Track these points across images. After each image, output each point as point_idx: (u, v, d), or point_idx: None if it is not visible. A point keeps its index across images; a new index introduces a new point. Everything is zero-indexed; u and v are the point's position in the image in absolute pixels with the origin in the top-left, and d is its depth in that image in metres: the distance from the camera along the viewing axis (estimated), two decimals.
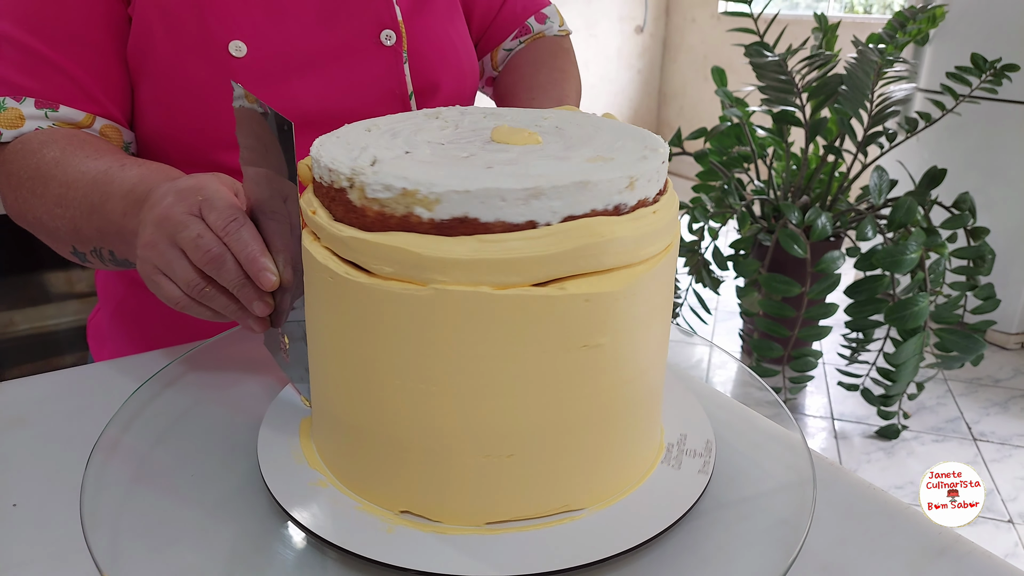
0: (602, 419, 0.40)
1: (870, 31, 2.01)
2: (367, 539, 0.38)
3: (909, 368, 1.62)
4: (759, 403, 0.56)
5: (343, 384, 0.41)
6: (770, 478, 0.47)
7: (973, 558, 0.42)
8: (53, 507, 0.45)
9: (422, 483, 0.40)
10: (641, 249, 0.38)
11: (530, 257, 0.35)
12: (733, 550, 0.41)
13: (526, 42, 0.81)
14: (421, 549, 0.38)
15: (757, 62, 1.85)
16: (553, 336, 0.36)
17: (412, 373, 0.37)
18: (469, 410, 0.37)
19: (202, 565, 0.39)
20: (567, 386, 0.38)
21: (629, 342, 0.39)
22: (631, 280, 0.37)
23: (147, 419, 0.50)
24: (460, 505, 0.39)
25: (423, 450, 0.39)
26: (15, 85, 0.58)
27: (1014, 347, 2.28)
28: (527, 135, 0.42)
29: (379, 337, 0.37)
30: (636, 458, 0.43)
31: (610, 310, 0.37)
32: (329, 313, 0.39)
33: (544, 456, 0.39)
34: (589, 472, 0.40)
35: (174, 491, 0.44)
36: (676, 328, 0.67)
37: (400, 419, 0.39)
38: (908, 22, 1.83)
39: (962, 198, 1.75)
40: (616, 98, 4.08)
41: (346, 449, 0.42)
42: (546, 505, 0.40)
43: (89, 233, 0.55)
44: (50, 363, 1.47)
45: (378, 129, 0.44)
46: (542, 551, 0.38)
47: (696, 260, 1.92)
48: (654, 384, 0.43)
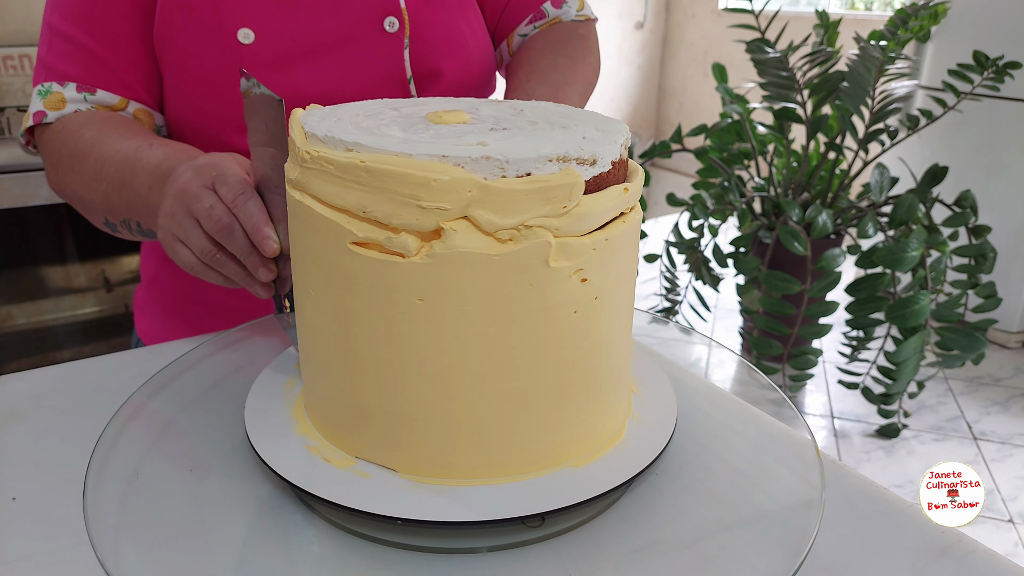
0: (563, 382, 0.41)
1: (872, 28, 2.00)
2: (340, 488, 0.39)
3: (910, 367, 1.62)
4: (762, 401, 0.56)
5: (320, 341, 0.43)
6: (778, 479, 0.47)
7: (976, 557, 0.42)
8: (52, 501, 0.44)
9: (388, 437, 0.41)
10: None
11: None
12: (738, 552, 0.41)
13: (541, 27, 0.80)
14: (403, 499, 0.39)
15: (758, 58, 1.84)
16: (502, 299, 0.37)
17: (377, 330, 0.39)
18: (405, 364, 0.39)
19: (203, 560, 0.39)
20: (524, 349, 0.39)
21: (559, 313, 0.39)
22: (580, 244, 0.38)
23: (148, 414, 0.50)
24: (429, 462, 0.41)
25: (381, 408, 0.41)
26: (60, 72, 0.64)
27: (1015, 346, 2.28)
28: (459, 115, 0.43)
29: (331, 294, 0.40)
30: (603, 420, 0.44)
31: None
32: (306, 261, 0.42)
33: (506, 419, 0.40)
34: (554, 432, 0.41)
35: (174, 485, 0.44)
36: (675, 326, 0.66)
37: (360, 366, 0.41)
38: (910, 19, 1.82)
39: (964, 196, 1.75)
40: (616, 94, 4.07)
41: (325, 405, 0.44)
42: (514, 465, 0.41)
43: (119, 206, 0.61)
44: (48, 357, 1.47)
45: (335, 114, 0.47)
46: (517, 498, 0.39)
47: (696, 257, 1.91)
48: (614, 351, 0.43)
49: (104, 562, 0.36)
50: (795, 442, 0.49)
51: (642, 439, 0.45)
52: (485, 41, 0.76)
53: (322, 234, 0.39)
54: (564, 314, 0.39)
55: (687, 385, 0.55)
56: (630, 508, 0.43)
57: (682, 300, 1.97)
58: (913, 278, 1.64)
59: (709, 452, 0.48)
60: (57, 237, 1.43)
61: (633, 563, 0.39)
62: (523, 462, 0.41)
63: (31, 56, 1.60)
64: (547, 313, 0.38)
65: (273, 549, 0.40)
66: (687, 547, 0.40)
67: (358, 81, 0.67)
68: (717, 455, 0.47)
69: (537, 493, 0.40)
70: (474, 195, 0.36)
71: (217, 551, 0.39)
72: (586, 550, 0.40)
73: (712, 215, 1.84)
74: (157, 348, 0.63)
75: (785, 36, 2.01)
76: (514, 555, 0.39)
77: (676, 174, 3.90)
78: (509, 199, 0.36)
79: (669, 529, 0.41)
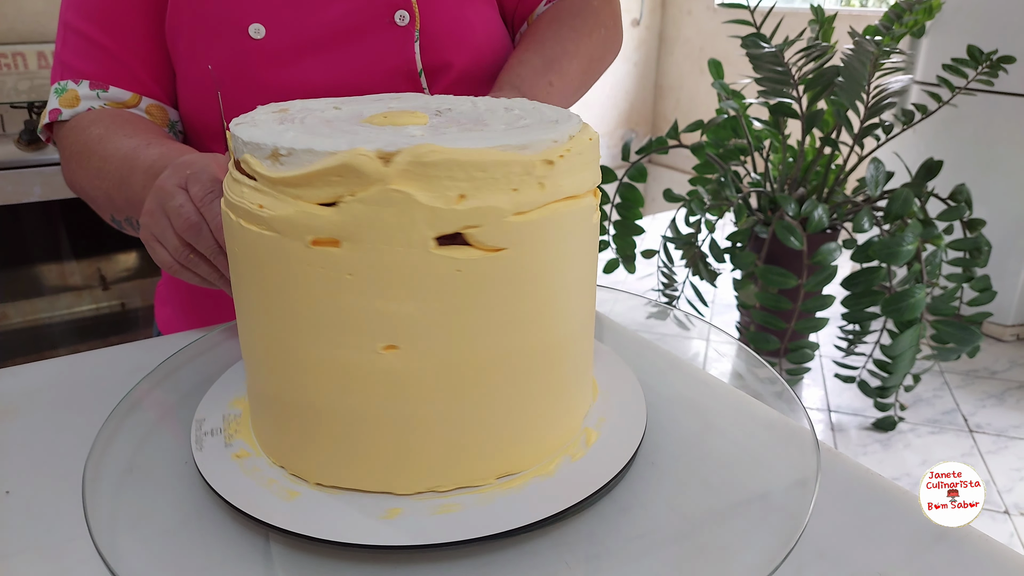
0: (509, 380, 0.40)
1: (867, 23, 2.00)
2: (271, 506, 0.39)
3: (905, 360, 1.63)
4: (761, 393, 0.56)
5: (247, 346, 0.43)
6: (771, 466, 0.47)
7: (971, 543, 0.42)
8: (46, 495, 0.44)
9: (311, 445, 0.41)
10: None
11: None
12: (734, 537, 0.41)
13: (555, 2, 0.78)
14: (334, 517, 0.38)
15: (753, 54, 1.84)
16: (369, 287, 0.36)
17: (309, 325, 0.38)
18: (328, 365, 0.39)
19: (197, 555, 0.39)
20: (462, 341, 0.38)
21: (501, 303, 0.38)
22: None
23: (146, 407, 0.50)
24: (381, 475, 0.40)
25: (297, 410, 0.40)
26: (75, 69, 0.65)
27: (1010, 339, 2.28)
28: (413, 116, 0.42)
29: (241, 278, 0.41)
30: (561, 421, 0.43)
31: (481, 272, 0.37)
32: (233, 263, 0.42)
33: (453, 418, 0.39)
34: (508, 435, 0.41)
35: (172, 478, 0.44)
36: (673, 321, 0.66)
37: (275, 371, 0.41)
38: (904, 14, 1.82)
39: (958, 190, 1.75)
40: (612, 91, 4.07)
41: (263, 416, 0.44)
42: (465, 475, 0.40)
43: (120, 203, 0.61)
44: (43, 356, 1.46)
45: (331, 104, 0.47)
46: (471, 519, 0.38)
47: (693, 253, 1.92)
48: (567, 346, 0.43)
49: (104, 553, 0.36)
50: (790, 429, 0.49)
51: (612, 442, 0.44)
52: (497, 32, 0.75)
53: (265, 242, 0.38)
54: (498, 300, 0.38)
55: (682, 374, 0.55)
56: (625, 497, 0.43)
57: (679, 295, 1.97)
58: (908, 272, 1.64)
59: (703, 441, 0.48)
60: (52, 235, 1.42)
61: (629, 551, 0.39)
62: (477, 471, 0.40)
63: (24, 54, 1.59)
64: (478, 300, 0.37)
65: (268, 540, 0.40)
66: (683, 534, 0.40)
67: (367, 74, 0.67)
68: (712, 444, 0.47)
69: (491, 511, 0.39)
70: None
71: (215, 542, 0.39)
72: (582, 538, 0.40)
73: (709, 211, 1.84)
74: (152, 342, 0.63)
75: (780, 31, 2.01)
76: (509, 543, 0.39)
77: (673, 170, 3.90)
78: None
79: (664, 517, 0.41)
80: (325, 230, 0.36)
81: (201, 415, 0.47)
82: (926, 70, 2.32)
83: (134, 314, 1.59)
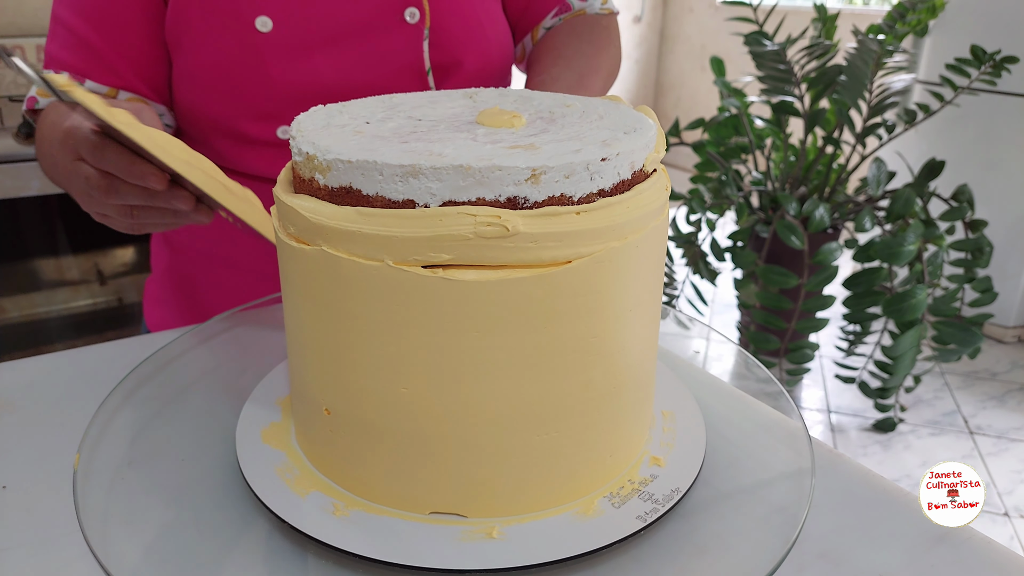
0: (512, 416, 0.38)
1: (869, 21, 2.00)
2: (318, 521, 0.38)
3: (906, 361, 1.62)
4: (760, 392, 0.55)
5: (296, 351, 0.42)
6: (769, 465, 0.46)
7: (972, 544, 0.42)
8: (42, 489, 0.44)
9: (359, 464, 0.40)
10: (547, 251, 0.35)
11: (399, 236, 0.34)
12: (730, 537, 0.40)
13: (566, 18, 0.80)
14: (377, 535, 0.37)
15: (756, 51, 1.84)
16: (435, 320, 0.35)
17: (330, 340, 0.38)
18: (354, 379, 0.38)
19: (189, 549, 0.38)
20: (473, 374, 0.36)
21: (503, 341, 0.36)
22: (518, 277, 0.35)
23: (138, 403, 0.50)
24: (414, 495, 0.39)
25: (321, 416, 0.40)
26: (58, 60, 0.65)
27: (1011, 340, 2.28)
28: (509, 117, 0.40)
29: (294, 292, 0.39)
30: (621, 450, 0.42)
31: (492, 305, 0.35)
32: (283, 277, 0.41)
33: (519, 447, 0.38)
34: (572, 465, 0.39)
35: (163, 475, 0.43)
36: (673, 319, 0.66)
37: (321, 385, 0.40)
38: (908, 12, 1.82)
39: (960, 190, 1.75)
40: (614, 88, 4.06)
41: (306, 424, 0.43)
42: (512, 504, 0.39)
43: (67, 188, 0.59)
44: (40, 351, 1.46)
45: (383, 104, 0.46)
46: (527, 545, 0.37)
47: (693, 251, 1.91)
48: (633, 376, 0.41)
49: (95, 549, 0.36)
50: (787, 430, 0.49)
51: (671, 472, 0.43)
52: (504, 33, 0.75)
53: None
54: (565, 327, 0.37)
55: (681, 374, 0.55)
56: None
57: (679, 294, 1.97)
58: (910, 272, 1.64)
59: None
60: (49, 229, 1.42)
61: (627, 549, 0.39)
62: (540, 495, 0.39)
63: (23, 47, 1.59)
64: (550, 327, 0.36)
65: (270, 537, 0.39)
66: (681, 534, 0.40)
67: (376, 71, 0.67)
68: (709, 443, 0.47)
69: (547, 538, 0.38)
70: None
71: (208, 539, 0.39)
72: None
73: (710, 209, 1.84)
74: (146, 338, 0.63)
75: (783, 29, 2.01)
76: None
77: (674, 168, 3.89)
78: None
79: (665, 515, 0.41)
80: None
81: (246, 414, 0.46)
82: (929, 69, 2.31)
83: (131, 309, 1.58)
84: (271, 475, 0.41)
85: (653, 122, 0.42)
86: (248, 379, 0.52)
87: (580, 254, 0.35)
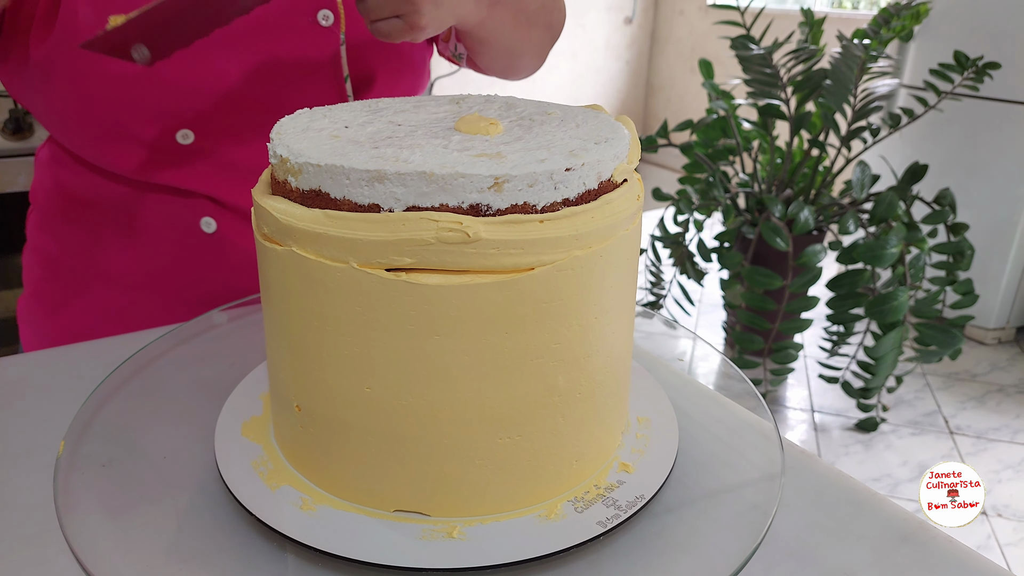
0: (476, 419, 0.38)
1: (855, 26, 2.01)
2: (287, 518, 0.39)
3: (888, 362, 1.64)
4: (739, 395, 0.56)
5: (270, 347, 0.43)
6: (740, 468, 0.47)
7: (936, 544, 0.43)
8: (22, 488, 0.44)
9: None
10: (509, 258, 0.35)
11: (363, 240, 0.35)
12: (699, 537, 0.41)
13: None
14: (346, 532, 0.38)
15: (743, 55, 1.86)
16: (397, 322, 0.36)
17: (300, 338, 0.39)
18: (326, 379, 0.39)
19: (168, 543, 0.39)
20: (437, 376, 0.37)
21: (465, 344, 0.37)
22: (477, 283, 0.35)
23: (121, 401, 0.50)
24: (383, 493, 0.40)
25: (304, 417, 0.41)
26: None
27: (991, 342, 2.31)
28: (487, 125, 0.41)
29: (268, 291, 0.41)
30: (592, 452, 0.43)
31: (454, 309, 0.35)
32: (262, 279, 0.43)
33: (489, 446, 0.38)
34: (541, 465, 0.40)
35: (144, 471, 0.44)
36: (659, 319, 0.67)
37: (291, 381, 0.41)
38: (893, 18, 1.84)
39: (943, 194, 1.77)
40: (604, 88, 4.08)
41: (280, 419, 0.44)
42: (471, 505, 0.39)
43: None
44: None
45: (368, 108, 0.46)
46: (486, 545, 0.37)
47: (681, 252, 1.93)
48: (606, 376, 0.42)
49: (74, 547, 0.36)
50: (760, 431, 0.50)
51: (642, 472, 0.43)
52: (421, 55, 0.73)
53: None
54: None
55: (660, 377, 0.56)
56: None
57: (666, 294, 1.98)
58: (893, 274, 1.66)
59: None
60: None
61: (600, 547, 0.39)
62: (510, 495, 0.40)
63: None
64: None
65: (245, 533, 0.40)
66: (648, 536, 0.41)
67: (288, 77, 0.64)
68: (684, 447, 0.48)
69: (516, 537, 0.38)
70: None
71: (189, 536, 0.39)
72: None
73: (697, 210, 1.85)
74: (130, 337, 0.63)
75: (770, 33, 2.02)
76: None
77: (662, 169, 3.91)
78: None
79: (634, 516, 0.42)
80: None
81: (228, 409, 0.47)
82: (913, 74, 2.34)
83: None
84: (246, 468, 0.42)
85: (628, 132, 0.42)
86: (233, 375, 0.53)
87: (542, 262, 0.36)
